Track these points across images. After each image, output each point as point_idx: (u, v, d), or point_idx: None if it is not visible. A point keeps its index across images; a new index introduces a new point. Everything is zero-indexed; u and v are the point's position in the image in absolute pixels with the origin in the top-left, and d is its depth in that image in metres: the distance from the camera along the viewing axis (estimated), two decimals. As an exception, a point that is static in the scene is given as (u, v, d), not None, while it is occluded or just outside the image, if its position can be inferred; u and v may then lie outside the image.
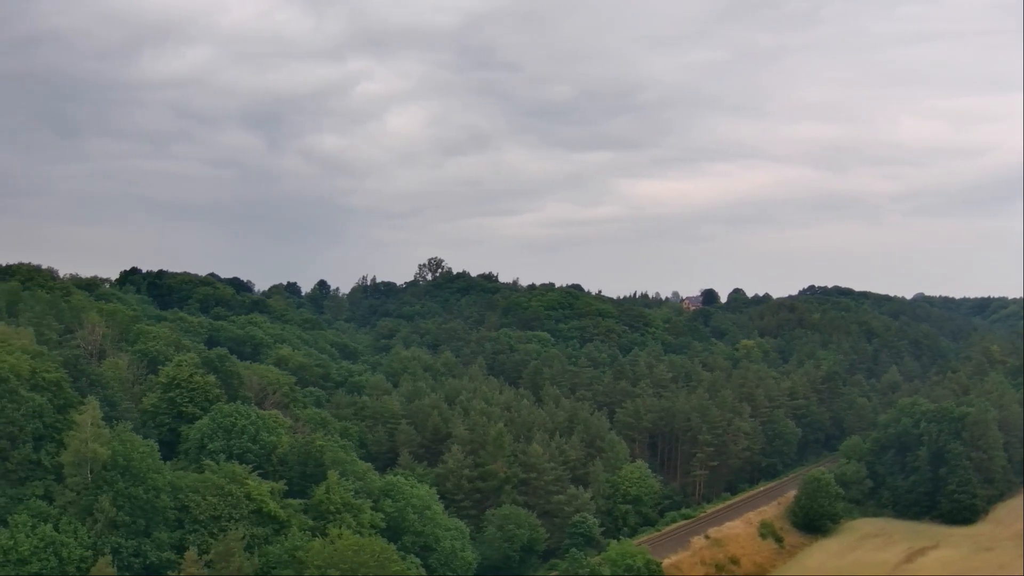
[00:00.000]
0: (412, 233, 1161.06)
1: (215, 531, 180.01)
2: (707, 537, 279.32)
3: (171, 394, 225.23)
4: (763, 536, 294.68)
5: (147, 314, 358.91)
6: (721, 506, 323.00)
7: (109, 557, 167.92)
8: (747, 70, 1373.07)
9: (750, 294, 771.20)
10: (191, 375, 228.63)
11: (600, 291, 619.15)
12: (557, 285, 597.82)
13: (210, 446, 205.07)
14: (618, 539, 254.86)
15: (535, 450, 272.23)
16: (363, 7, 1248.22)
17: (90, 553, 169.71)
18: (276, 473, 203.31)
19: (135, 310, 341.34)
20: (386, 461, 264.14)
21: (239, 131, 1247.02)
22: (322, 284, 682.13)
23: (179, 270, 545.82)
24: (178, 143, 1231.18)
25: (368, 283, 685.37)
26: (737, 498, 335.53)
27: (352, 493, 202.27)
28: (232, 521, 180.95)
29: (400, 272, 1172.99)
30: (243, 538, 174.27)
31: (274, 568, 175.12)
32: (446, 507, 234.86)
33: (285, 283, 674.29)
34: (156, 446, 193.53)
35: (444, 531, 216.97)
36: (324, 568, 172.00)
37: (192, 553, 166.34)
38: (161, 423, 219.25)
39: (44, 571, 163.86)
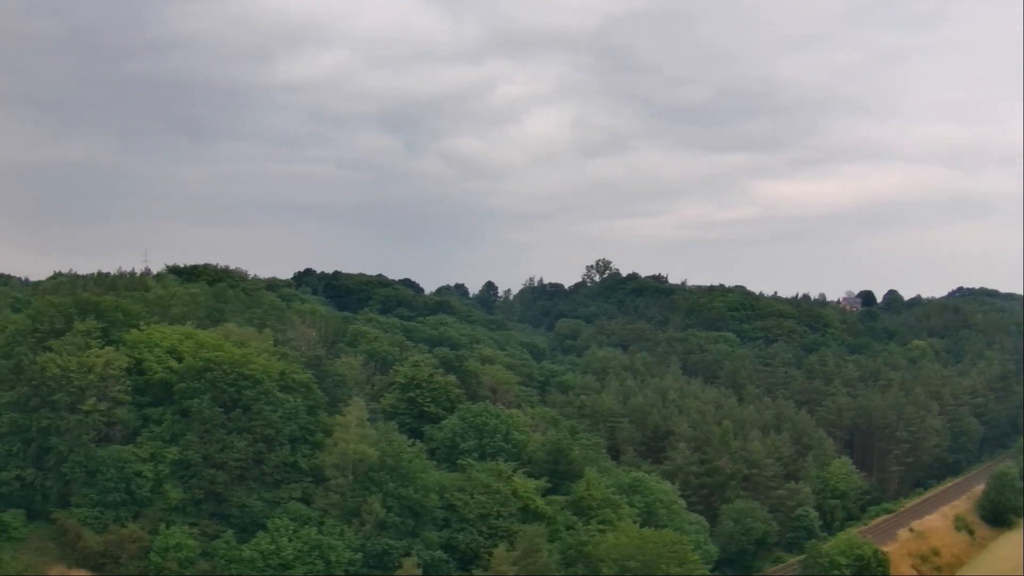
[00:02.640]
0: (549, 235, 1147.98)
1: (483, 529, 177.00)
2: (911, 530, 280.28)
3: (411, 394, 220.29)
4: (958, 529, 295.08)
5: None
6: (916, 501, 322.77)
7: (415, 558, 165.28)
8: (879, 70, 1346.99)
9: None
10: (431, 375, 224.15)
11: (775, 292, 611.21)
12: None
13: (463, 445, 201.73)
14: (843, 530, 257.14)
15: (755, 447, 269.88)
16: (502, 10, 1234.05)
17: (359, 556, 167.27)
18: (527, 471, 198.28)
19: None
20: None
21: (376, 134, 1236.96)
22: (489, 285, 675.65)
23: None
24: (313, 146, 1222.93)
25: (536, 284, 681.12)
26: (929, 493, 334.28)
27: (611, 490, 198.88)
28: (500, 519, 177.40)
29: (543, 273, 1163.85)
30: (544, 534, 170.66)
31: (568, 565, 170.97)
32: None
33: (453, 284, 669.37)
34: (423, 446, 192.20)
35: (688, 525, 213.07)
36: (622, 561, 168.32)
37: (501, 551, 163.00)
38: (402, 423, 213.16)
39: (310, 575, 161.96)
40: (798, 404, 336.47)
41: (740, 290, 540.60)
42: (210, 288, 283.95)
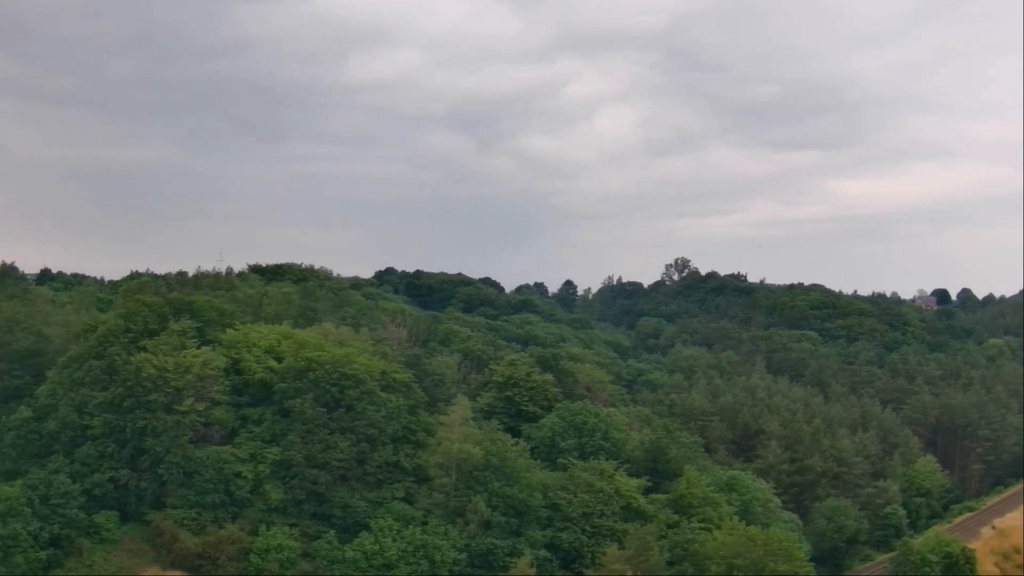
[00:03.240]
0: (620, 233, 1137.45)
1: (586, 528, 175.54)
2: (993, 528, 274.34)
3: (508, 393, 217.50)
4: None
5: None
6: (997, 499, 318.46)
7: (529, 557, 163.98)
8: (944, 69, 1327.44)
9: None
10: (528, 374, 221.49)
11: (855, 291, 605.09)
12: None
13: (562, 444, 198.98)
14: (927, 528, 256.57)
15: (845, 445, 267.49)
16: (571, 9, 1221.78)
17: (463, 556, 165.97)
18: (627, 470, 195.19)
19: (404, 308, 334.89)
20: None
21: (447, 133, 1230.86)
22: (568, 284, 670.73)
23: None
24: (384, 146, 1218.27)
25: (614, 283, 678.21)
26: (1009, 491, 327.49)
27: (711, 488, 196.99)
28: (603, 518, 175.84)
29: (616, 271, 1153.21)
30: (655, 533, 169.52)
31: (673, 563, 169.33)
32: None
33: (532, 283, 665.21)
34: (526, 445, 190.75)
35: (783, 523, 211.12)
36: (730, 559, 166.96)
37: (614, 549, 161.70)
38: (499, 422, 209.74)
39: (414, 575, 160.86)
40: (882, 403, 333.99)
41: (820, 289, 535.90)
42: (300, 287, 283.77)
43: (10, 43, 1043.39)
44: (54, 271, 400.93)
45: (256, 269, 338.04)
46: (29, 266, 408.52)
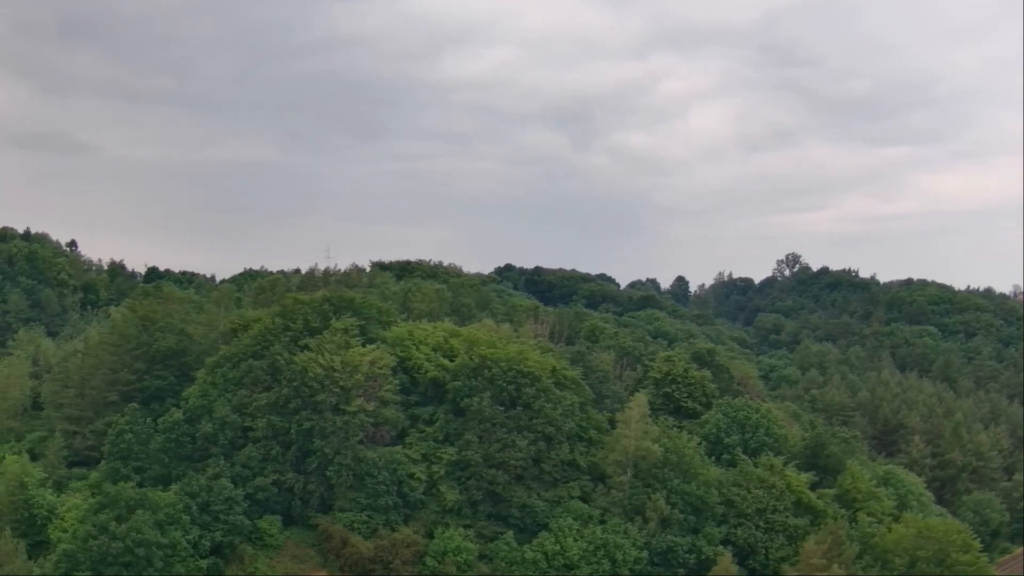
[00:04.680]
0: (718, 229, 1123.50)
1: (760, 524, 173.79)
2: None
3: (666, 389, 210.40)
4: None
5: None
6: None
7: (729, 554, 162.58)
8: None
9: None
10: (686, 369, 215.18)
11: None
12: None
13: (727, 440, 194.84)
14: None
15: (982, 440, 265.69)
16: (664, 6, 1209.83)
17: (644, 554, 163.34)
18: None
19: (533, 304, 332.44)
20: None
21: (543, 130, 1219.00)
22: (680, 280, 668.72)
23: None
24: (481, 143, 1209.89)
25: (726, 278, 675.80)
26: None
27: (873, 482, 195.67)
28: (776, 513, 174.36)
29: (714, 266, 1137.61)
30: (845, 527, 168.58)
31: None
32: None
33: (644, 279, 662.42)
34: (698, 441, 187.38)
35: (936, 517, 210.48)
36: (912, 551, 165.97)
37: (811, 544, 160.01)
38: (659, 419, 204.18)
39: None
40: (1007, 397, 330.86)
41: (935, 284, 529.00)
42: (446, 284, 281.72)
43: (107, 44, 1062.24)
44: (160, 269, 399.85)
45: (380, 266, 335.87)
46: (133, 264, 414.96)
